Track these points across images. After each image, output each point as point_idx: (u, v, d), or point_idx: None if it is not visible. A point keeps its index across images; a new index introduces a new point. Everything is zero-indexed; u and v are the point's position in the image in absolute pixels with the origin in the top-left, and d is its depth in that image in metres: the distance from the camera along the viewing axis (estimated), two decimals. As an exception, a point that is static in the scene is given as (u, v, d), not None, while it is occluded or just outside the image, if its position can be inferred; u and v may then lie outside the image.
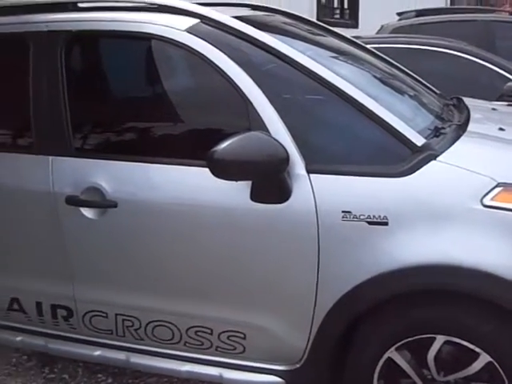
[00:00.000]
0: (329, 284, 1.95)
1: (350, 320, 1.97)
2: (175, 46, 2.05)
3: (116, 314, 2.29)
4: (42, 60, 2.24)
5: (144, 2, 2.25)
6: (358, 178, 1.90)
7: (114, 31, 2.19)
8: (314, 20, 3.21)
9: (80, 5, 2.31)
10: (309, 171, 1.91)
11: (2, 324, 2.58)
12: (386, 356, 1.96)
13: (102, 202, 2.14)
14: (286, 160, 1.84)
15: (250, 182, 1.91)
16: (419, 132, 2.00)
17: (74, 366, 2.84)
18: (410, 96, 2.63)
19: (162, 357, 2.29)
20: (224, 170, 1.82)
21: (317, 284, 1.95)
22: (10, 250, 2.41)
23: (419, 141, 1.92)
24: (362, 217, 1.86)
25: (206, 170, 1.89)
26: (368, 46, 2.96)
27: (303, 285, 1.98)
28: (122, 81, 2.30)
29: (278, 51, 2.03)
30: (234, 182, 1.90)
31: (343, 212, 1.87)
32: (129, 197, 2.11)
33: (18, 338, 2.53)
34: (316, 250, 1.92)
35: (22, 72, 2.28)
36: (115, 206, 2.12)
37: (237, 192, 1.94)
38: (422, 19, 6.50)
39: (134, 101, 2.29)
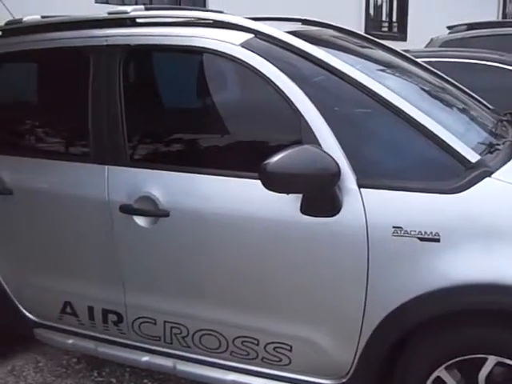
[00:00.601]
0: (377, 299, 1.94)
1: (398, 337, 1.95)
2: (230, 60, 2.10)
3: (164, 321, 2.34)
4: (101, 73, 2.32)
5: (199, 18, 2.31)
6: (409, 193, 1.89)
7: (169, 45, 2.26)
8: (364, 33, 3.22)
9: (138, 20, 2.38)
10: (360, 185, 1.92)
11: (55, 326, 2.67)
12: (434, 375, 1.93)
13: (154, 210, 2.20)
14: (337, 174, 1.85)
15: (300, 195, 1.93)
16: (473, 148, 1.97)
17: (121, 371, 2.91)
18: (463, 111, 2.60)
19: (208, 365, 2.32)
20: (275, 182, 1.84)
21: (365, 299, 1.94)
22: (66, 254, 2.50)
23: (473, 157, 1.90)
24: (413, 233, 1.85)
25: (258, 182, 1.92)
26: (418, 60, 2.94)
27: (351, 299, 1.97)
28: (177, 94, 2.36)
29: (330, 65, 2.05)
30: (284, 195, 1.92)
31: (394, 227, 1.87)
32: (180, 206, 2.16)
33: (70, 341, 2.61)
34: (365, 265, 1.92)
35: (82, 84, 2.37)
36: (167, 215, 2.17)
37: (287, 204, 1.96)
38: (472, 32, 6.38)
39: (187, 113, 2.35)
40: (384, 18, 10.85)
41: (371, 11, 10.22)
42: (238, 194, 2.08)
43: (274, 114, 2.11)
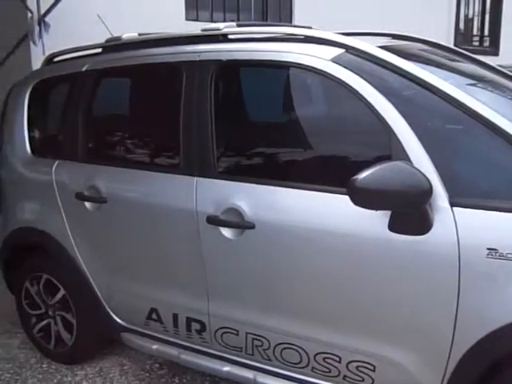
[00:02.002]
0: (468, 323, 1.86)
1: (491, 363, 1.85)
2: (320, 75, 2.10)
3: (246, 333, 2.36)
4: (193, 87, 2.40)
5: (290, 33, 2.33)
6: (505, 214, 1.80)
7: (260, 61, 2.30)
8: (454, 47, 3.12)
9: (230, 36, 2.45)
10: (452, 204, 1.85)
11: (141, 331, 2.77)
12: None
13: (240, 222, 2.23)
14: (428, 192, 1.80)
15: (388, 212, 1.89)
16: None
17: (201, 379, 2.95)
18: None
19: (288, 379, 2.31)
20: (364, 198, 1.82)
21: (455, 322, 1.87)
22: (154, 262, 2.58)
23: None
24: (509, 256, 1.75)
25: (345, 197, 1.90)
26: (512, 74, 2.81)
27: (440, 321, 1.90)
28: (266, 108, 2.39)
29: (422, 79, 2.00)
30: (371, 211, 1.89)
31: (488, 249, 1.78)
32: (266, 219, 2.18)
33: (154, 347, 2.69)
34: (456, 287, 1.85)
35: (175, 98, 2.46)
36: (253, 227, 2.20)
37: (374, 221, 1.93)
38: None
39: (275, 128, 2.37)
40: (475, 32, 10.47)
41: (461, 25, 9.90)
42: (323, 209, 2.07)
43: (363, 128, 2.09)
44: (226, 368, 2.46)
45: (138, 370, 3.09)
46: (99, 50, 2.94)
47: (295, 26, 2.34)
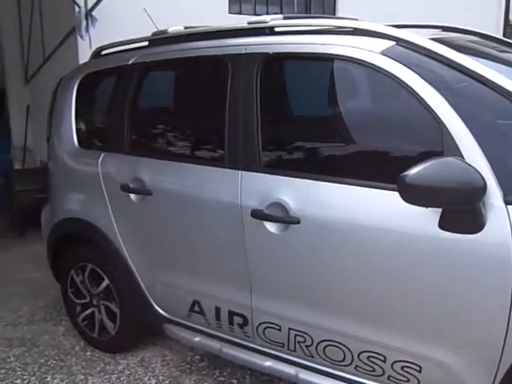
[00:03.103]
0: (521, 326, 1.79)
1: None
2: (369, 68, 2.05)
3: (289, 329, 2.34)
4: (239, 80, 2.38)
5: (338, 26, 2.29)
6: None
7: (307, 53, 2.26)
8: (506, 39, 3.01)
9: (276, 29, 2.42)
10: (507, 202, 1.78)
11: (183, 323, 2.79)
12: None
13: (285, 217, 2.21)
14: (482, 189, 1.73)
15: (438, 209, 1.84)
16: None
17: (242, 373, 2.96)
18: None
19: (331, 377, 2.29)
20: (415, 195, 1.77)
21: (508, 324, 1.80)
22: (197, 255, 2.59)
23: None
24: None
25: (393, 193, 1.86)
26: None
27: (491, 323, 1.84)
28: (312, 102, 2.36)
29: (475, 72, 1.93)
30: (420, 208, 1.84)
31: (545, 250, 1.71)
32: (311, 215, 2.15)
33: (196, 339, 2.71)
34: (509, 289, 1.78)
35: (220, 91, 2.45)
36: (298, 222, 2.17)
37: (424, 218, 1.88)
38: None
39: (322, 121, 2.33)
40: (525, 24, 10.12)
41: (511, 17, 9.58)
42: (371, 205, 2.02)
43: (413, 123, 2.03)
44: (268, 363, 2.45)
45: (180, 361, 3.12)
46: (146, 43, 2.96)
47: (342, 19, 2.28)
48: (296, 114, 2.44)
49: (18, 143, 6.84)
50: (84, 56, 4.85)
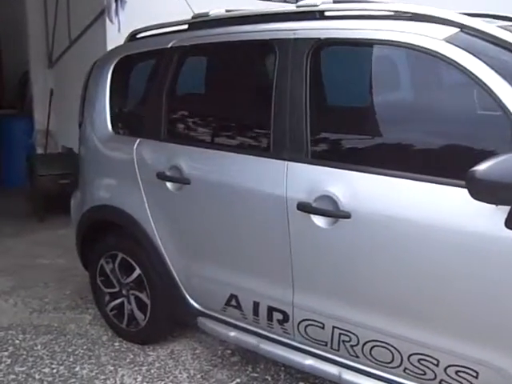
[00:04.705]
0: None
1: None
2: (431, 55, 1.94)
3: (333, 327, 2.24)
4: (287, 66, 2.28)
5: (396, 11, 2.16)
6: None
7: (363, 40, 2.14)
8: None
9: (327, 13, 2.31)
10: None
11: (218, 317, 2.70)
12: None
13: (335, 211, 2.11)
14: None
15: (506, 208, 1.73)
16: None
17: (275, 369, 2.87)
18: None
19: (376, 378, 2.19)
20: (484, 191, 1.66)
21: None
22: (237, 247, 2.50)
23: None
24: None
25: (456, 189, 1.76)
26: None
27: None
28: (366, 90, 2.24)
29: None
30: (488, 205, 1.73)
31: None
32: (365, 209, 2.04)
33: (232, 334, 2.62)
34: None
35: (266, 77, 2.35)
36: (348, 217, 2.07)
37: (490, 216, 1.77)
38: None
39: (376, 111, 2.22)
40: None
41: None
42: (430, 200, 1.92)
43: (479, 115, 1.92)
44: (309, 361, 2.35)
45: (210, 355, 3.04)
46: (185, 26, 2.85)
47: (400, 3, 2.14)
48: (348, 103, 2.32)
49: (41, 127, 6.77)
50: (112, 40, 4.76)
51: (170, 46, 2.78)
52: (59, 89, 6.58)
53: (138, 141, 2.86)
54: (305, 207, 2.17)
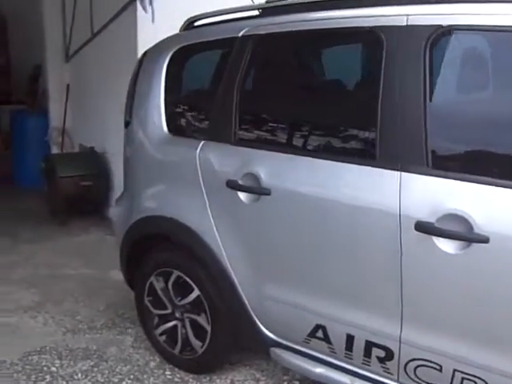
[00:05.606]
0: None
1: None
2: None
3: (454, 370, 1.88)
4: (399, 58, 1.91)
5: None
6: None
7: (498, 26, 1.77)
8: None
9: (444, -4, 1.93)
10: None
11: (296, 349, 2.33)
12: None
13: (466, 234, 1.74)
14: None
15: None
16: None
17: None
18: None
19: None
20: None
21: None
22: (326, 271, 2.13)
23: None
24: None
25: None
26: None
27: None
28: (504, 87, 1.87)
29: None
30: None
31: None
32: (505, 232, 1.68)
33: (317, 370, 2.25)
34: None
35: (368, 70, 2.00)
36: (486, 241, 1.70)
37: None
38: None
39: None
40: None
41: None
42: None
43: None
44: (417, 408, 2.00)
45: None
46: (255, 12, 2.47)
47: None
48: (481, 102, 1.94)
49: (56, 124, 6.39)
50: (144, 31, 4.38)
51: (241, 34, 2.40)
52: (76, 84, 6.20)
53: (201, 143, 2.48)
54: (426, 228, 1.81)
